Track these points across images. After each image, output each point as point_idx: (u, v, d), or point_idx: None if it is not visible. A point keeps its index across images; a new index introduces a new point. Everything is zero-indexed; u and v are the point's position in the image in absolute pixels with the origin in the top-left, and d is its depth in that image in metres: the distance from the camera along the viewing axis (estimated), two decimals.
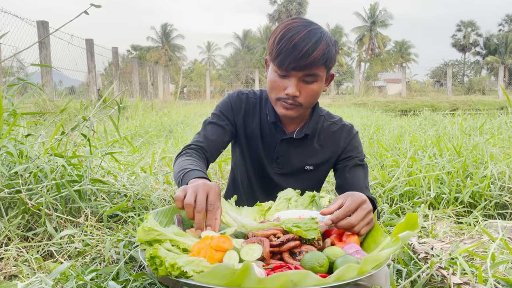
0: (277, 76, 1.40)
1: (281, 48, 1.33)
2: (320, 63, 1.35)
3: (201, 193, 1.09)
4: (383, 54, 53.73)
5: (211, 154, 1.54)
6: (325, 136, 1.60)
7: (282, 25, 1.38)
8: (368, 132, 5.49)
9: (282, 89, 1.39)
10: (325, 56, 1.35)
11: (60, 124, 1.98)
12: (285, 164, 1.61)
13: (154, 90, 18.52)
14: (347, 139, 1.60)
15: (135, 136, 5.36)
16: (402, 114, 12.37)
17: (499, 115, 5.70)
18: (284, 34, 1.34)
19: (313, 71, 1.35)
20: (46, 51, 7.50)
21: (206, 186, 1.11)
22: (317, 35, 1.33)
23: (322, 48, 1.33)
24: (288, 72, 1.35)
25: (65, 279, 1.39)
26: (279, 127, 1.57)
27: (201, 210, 1.07)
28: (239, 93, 1.63)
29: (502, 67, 23.90)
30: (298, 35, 1.32)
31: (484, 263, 1.65)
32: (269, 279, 0.81)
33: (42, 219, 1.72)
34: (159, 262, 0.89)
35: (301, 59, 1.31)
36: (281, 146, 1.58)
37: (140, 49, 55.39)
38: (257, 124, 1.60)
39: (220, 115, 1.59)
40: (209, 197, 1.10)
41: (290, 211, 1.33)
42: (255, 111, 1.61)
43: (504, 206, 2.52)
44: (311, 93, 1.40)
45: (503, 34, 52.94)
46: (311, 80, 1.38)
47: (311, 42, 1.31)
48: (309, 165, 1.60)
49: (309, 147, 1.59)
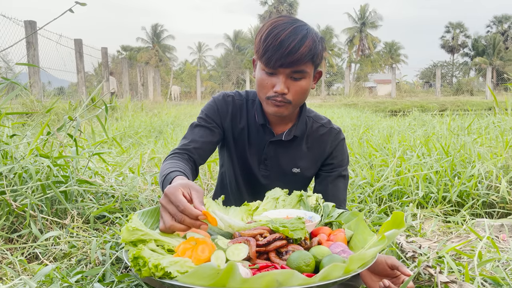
0: (265, 74, 1.39)
1: (267, 46, 1.32)
2: (307, 59, 1.35)
3: (165, 215, 1.03)
4: (373, 55, 54.08)
5: (199, 156, 1.51)
6: (313, 139, 1.59)
7: (268, 23, 1.37)
8: (358, 132, 5.51)
9: (270, 87, 1.39)
10: (312, 52, 1.35)
11: (45, 124, 1.95)
12: (273, 166, 1.60)
13: (144, 91, 18.41)
14: (333, 144, 1.60)
15: (124, 137, 5.32)
16: (391, 114, 12.46)
17: (486, 115, 5.76)
18: (270, 32, 1.33)
19: (300, 68, 1.35)
20: (34, 51, 7.41)
21: (166, 199, 1.04)
22: (303, 31, 1.34)
23: (308, 45, 1.33)
24: (276, 69, 1.35)
25: (50, 281, 1.36)
26: (267, 128, 1.56)
27: (181, 220, 1.01)
28: (225, 96, 1.61)
29: (490, 68, 24.20)
30: (284, 32, 1.31)
31: (471, 261, 1.67)
32: (254, 279, 0.80)
33: (27, 220, 1.69)
34: (142, 263, 0.88)
35: (288, 55, 1.31)
36: (269, 148, 1.58)
37: (130, 50, 55.06)
38: (244, 126, 1.59)
39: (207, 118, 1.57)
40: (173, 203, 1.02)
41: (278, 211, 1.33)
42: (242, 113, 1.60)
43: (491, 205, 2.55)
44: (299, 90, 1.40)
45: (491, 35, 53.62)
46: (299, 76, 1.37)
47: (297, 38, 1.31)
48: (296, 167, 1.59)
49: (297, 149, 1.58)
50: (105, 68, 12.08)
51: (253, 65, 1.50)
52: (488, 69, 23.83)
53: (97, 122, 5.62)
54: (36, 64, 7.19)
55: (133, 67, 18.02)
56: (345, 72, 27.53)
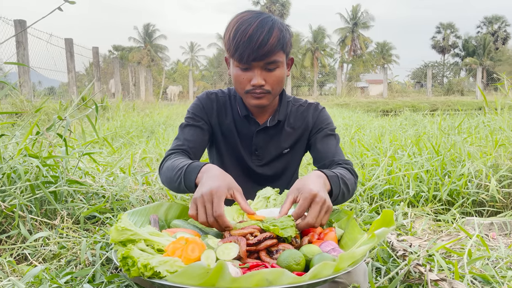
0: (240, 70, 1.44)
1: (237, 43, 1.37)
2: (278, 49, 1.40)
3: (201, 210, 1.12)
4: (365, 55, 54.33)
5: (194, 154, 1.55)
6: (295, 119, 1.65)
7: (233, 21, 1.42)
8: (350, 132, 5.53)
9: (247, 82, 1.44)
10: (281, 41, 1.40)
11: (34, 123, 1.93)
12: (264, 154, 1.64)
13: (136, 91, 18.31)
14: (315, 114, 1.66)
15: (116, 137, 5.29)
16: (383, 114, 12.52)
17: (476, 115, 5.81)
18: (237, 29, 1.38)
19: (272, 58, 1.40)
20: (24, 51, 7.34)
21: (209, 197, 1.11)
22: (268, 23, 1.38)
23: (276, 35, 1.38)
24: (249, 64, 1.40)
25: (39, 283, 1.35)
26: (252, 119, 1.61)
27: (211, 223, 1.11)
28: (208, 94, 1.67)
29: (480, 68, 24.40)
30: (251, 26, 1.36)
31: (461, 259, 1.68)
32: (244, 278, 0.80)
33: (16, 221, 1.67)
34: (131, 263, 0.87)
35: (259, 49, 1.35)
36: (257, 138, 1.62)
37: (122, 50, 54.74)
38: (231, 120, 1.64)
39: (194, 116, 1.61)
40: (213, 205, 1.11)
41: (269, 210, 1.33)
42: (227, 108, 1.65)
43: (481, 204, 2.57)
44: (275, 80, 1.45)
45: (481, 36, 54.14)
46: (273, 67, 1.42)
47: (265, 30, 1.36)
48: (286, 148, 1.65)
49: (283, 132, 1.64)
50: (96, 68, 11.98)
51: (227, 64, 1.55)
52: (478, 70, 24.04)
53: (87, 122, 5.58)
54: (26, 64, 7.11)
55: (125, 67, 17.91)
56: (337, 72, 27.62)
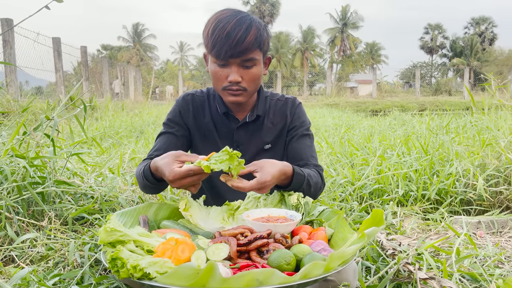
0: (217, 67, 1.46)
1: (215, 39, 1.40)
2: (255, 47, 1.43)
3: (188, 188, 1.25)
4: (355, 55, 54.56)
5: None
6: (274, 114, 1.68)
7: (212, 18, 1.45)
8: (339, 132, 5.55)
9: (224, 78, 1.47)
10: (258, 40, 1.43)
11: (21, 123, 1.90)
12: (246, 151, 1.65)
13: (125, 90, 18.17)
14: (292, 110, 1.69)
15: (105, 137, 5.24)
16: (372, 114, 12.61)
17: (464, 115, 5.88)
18: (216, 26, 1.40)
19: (249, 56, 1.43)
20: (11, 50, 7.23)
21: (176, 183, 1.22)
22: (247, 21, 1.42)
23: (253, 33, 1.41)
24: (227, 60, 1.43)
25: (26, 285, 1.33)
26: (231, 116, 1.63)
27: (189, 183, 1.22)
28: (185, 96, 1.69)
29: (467, 69, 24.72)
30: (229, 24, 1.39)
31: (449, 258, 1.70)
32: (234, 278, 0.79)
33: (2, 222, 1.65)
34: (120, 264, 0.86)
35: (236, 46, 1.39)
36: (238, 134, 1.64)
37: (111, 49, 54.24)
38: (209, 119, 1.65)
39: (169, 123, 1.65)
40: (175, 178, 1.20)
41: (259, 210, 1.33)
42: (204, 108, 1.67)
43: (469, 203, 2.60)
44: (252, 77, 1.48)
45: (469, 37, 54.78)
46: (250, 64, 1.46)
47: (243, 28, 1.39)
48: (267, 144, 1.67)
49: (263, 127, 1.66)
50: (85, 68, 11.85)
51: (205, 60, 1.57)
52: (466, 70, 24.34)
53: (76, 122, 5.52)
54: (12, 63, 7.01)
55: (114, 66, 17.76)
56: (326, 72, 27.74)
